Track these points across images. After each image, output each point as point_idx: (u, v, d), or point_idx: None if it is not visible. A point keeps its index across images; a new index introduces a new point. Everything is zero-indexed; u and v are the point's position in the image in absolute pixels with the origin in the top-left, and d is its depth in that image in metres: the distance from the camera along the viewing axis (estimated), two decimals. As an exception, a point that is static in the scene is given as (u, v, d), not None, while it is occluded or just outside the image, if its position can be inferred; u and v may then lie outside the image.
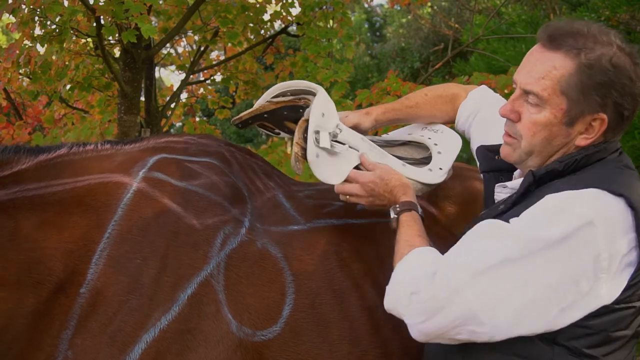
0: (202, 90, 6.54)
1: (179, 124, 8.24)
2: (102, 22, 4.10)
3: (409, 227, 1.64)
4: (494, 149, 1.73)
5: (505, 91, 4.21)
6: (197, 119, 6.92)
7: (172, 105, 5.50)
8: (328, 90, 5.59)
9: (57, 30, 4.03)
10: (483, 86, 2.07)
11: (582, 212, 1.36)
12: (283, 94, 1.96)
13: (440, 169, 1.94)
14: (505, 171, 1.74)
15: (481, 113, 1.98)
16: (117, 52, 5.04)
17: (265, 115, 1.96)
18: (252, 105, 2.02)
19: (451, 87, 2.10)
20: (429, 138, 2.03)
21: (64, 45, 4.11)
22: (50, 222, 1.62)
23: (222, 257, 1.68)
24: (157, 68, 5.88)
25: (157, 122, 5.00)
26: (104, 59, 4.37)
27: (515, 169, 1.71)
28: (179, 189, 1.77)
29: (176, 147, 1.91)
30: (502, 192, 1.69)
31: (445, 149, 2.00)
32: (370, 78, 12.57)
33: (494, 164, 1.76)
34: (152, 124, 4.90)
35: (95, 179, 1.71)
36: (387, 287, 1.53)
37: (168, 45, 5.92)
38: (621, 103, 1.47)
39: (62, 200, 1.66)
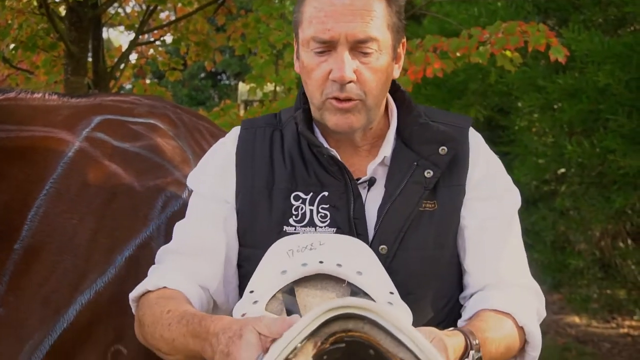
0: (152, 51, 6.40)
1: (128, 86, 8.07)
2: (46, -21, 3.96)
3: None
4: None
5: (458, 54, 4.22)
6: (148, 80, 6.78)
7: (121, 67, 5.37)
8: (280, 53, 5.54)
9: (-2, -13, 3.88)
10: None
11: None
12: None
13: (391, 293, 1.31)
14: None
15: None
16: (62, 11, 4.88)
17: None
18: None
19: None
20: (320, 262, 1.30)
21: (6, 2, 3.96)
22: None
23: (163, 219, 1.66)
24: (105, 28, 5.72)
25: (105, 84, 4.87)
26: (49, 18, 4.23)
27: None
28: (120, 150, 1.73)
29: (122, 107, 1.87)
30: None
31: (359, 264, 1.32)
32: (324, 40, 12.48)
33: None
34: (100, 86, 4.78)
35: (39, 131, 1.67)
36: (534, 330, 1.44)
37: (116, 4, 5.75)
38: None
39: (5, 148, 1.61)
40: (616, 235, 6.39)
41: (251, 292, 1.30)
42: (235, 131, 1.59)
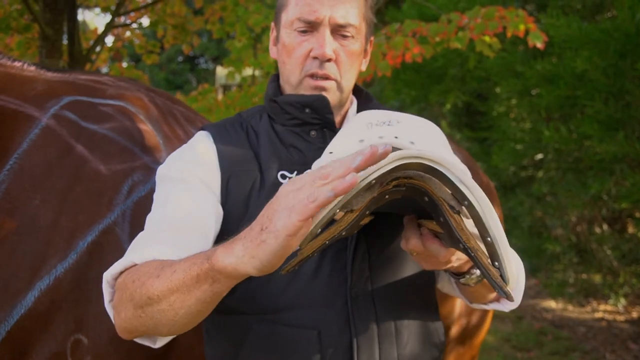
0: (128, 34, 6.32)
1: (105, 69, 7.98)
2: (19, -41, 3.88)
3: None
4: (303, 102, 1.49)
5: (437, 39, 4.21)
6: (125, 64, 6.70)
7: (97, 49, 5.30)
8: (259, 37, 5.49)
9: (-30, -33, 3.79)
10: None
11: None
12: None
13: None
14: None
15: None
16: (36, -8, 4.79)
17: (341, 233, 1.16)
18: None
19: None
20: (396, 137, 1.37)
21: (-22, -17, 3.88)
22: None
23: (129, 204, 1.61)
24: (80, 10, 5.63)
25: (81, 67, 4.80)
26: (22, -1, 4.15)
27: None
28: (88, 131, 1.67)
29: (94, 87, 1.82)
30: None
31: (430, 144, 1.40)
32: (303, 24, 12.42)
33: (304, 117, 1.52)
34: (76, 69, 4.71)
35: (11, 103, 1.60)
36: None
37: (92, -14, 5.66)
38: None
39: None
40: (592, 221, 6.45)
41: (330, 152, 1.38)
42: (202, 132, 1.53)
